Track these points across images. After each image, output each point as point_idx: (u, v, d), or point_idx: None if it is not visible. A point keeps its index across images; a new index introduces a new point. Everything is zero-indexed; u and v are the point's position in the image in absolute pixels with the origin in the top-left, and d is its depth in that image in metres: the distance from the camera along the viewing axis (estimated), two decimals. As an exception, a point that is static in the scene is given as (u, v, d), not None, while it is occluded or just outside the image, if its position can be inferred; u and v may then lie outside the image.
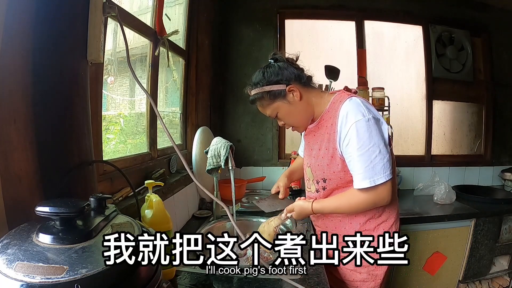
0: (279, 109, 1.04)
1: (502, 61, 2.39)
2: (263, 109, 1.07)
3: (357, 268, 1.09)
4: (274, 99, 1.03)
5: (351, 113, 0.95)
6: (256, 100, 1.06)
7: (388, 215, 1.08)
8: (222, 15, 2.21)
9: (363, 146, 0.93)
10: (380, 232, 1.06)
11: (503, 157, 2.44)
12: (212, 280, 0.92)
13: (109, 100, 1.32)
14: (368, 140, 0.93)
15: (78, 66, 0.73)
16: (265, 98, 1.03)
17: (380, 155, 0.93)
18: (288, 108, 1.04)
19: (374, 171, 0.93)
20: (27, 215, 0.61)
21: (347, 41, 2.33)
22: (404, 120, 2.36)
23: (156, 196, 0.91)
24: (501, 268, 1.94)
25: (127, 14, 1.16)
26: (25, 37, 0.64)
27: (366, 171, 0.94)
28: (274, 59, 1.06)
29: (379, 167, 0.93)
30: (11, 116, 0.62)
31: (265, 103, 1.04)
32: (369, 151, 0.93)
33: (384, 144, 0.95)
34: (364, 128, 0.93)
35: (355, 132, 0.94)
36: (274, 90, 1.01)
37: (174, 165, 1.56)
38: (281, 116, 1.06)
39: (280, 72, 1.02)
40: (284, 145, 2.33)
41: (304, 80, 1.06)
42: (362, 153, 0.94)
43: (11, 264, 0.44)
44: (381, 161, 0.93)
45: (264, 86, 1.02)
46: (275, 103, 1.03)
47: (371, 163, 0.93)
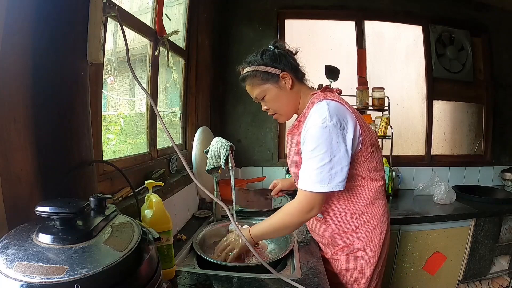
0: (268, 92, 1.04)
1: (502, 61, 2.39)
2: (252, 88, 1.06)
3: (340, 271, 1.09)
4: (266, 80, 1.03)
5: (313, 117, 0.95)
6: (247, 78, 1.05)
7: (370, 217, 1.04)
8: (222, 15, 2.21)
9: (314, 151, 0.92)
10: (361, 233, 1.04)
11: (503, 157, 2.44)
12: (212, 280, 0.92)
13: (109, 100, 1.32)
14: (319, 147, 0.91)
15: (78, 66, 0.73)
16: (257, 77, 1.03)
17: (329, 164, 0.91)
18: (277, 93, 1.03)
19: (317, 178, 0.92)
20: (27, 215, 0.61)
21: (347, 41, 2.34)
22: (404, 120, 2.37)
23: (156, 196, 0.91)
24: (501, 268, 1.94)
25: (127, 14, 1.16)
26: (25, 37, 0.64)
27: (311, 175, 0.93)
28: (274, 46, 1.07)
29: (322, 176, 0.91)
30: (11, 116, 0.62)
31: (255, 82, 1.04)
32: (317, 158, 0.92)
33: (341, 154, 0.92)
34: (319, 134, 0.91)
35: (310, 136, 0.93)
36: (268, 71, 1.02)
37: (174, 165, 1.56)
38: (268, 99, 1.05)
39: (278, 58, 1.03)
40: (284, 145, 2.33)
41: (298, 74, 1.07)
42: (310, 157, 0.93)
43: (11, 264, 0.44)
44: (328, 171, 0.91)
45: (259, 66, 1.02)
46: (265, 85, 1.03)
47: (317, 169, 0.92)
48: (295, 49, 1.10)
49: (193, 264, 1.07)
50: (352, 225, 1.05)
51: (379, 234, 1.05)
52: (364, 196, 1.03)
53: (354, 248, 1.05)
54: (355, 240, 1.05)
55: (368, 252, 1.04)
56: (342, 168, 0.92)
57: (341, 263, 1.08)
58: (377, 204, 1.05)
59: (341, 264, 1.08)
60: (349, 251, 1.06)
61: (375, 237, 1.04)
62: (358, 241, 1.05)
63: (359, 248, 1.05)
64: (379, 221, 1.05)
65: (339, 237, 1.08)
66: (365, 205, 1.04)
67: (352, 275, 1.07)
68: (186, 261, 1.10)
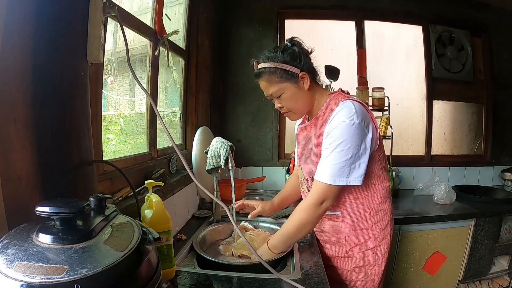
0: (286, 90, 1.02)
1: (502, 61, 2.39)
2: (269, 85, 1.03)
3: (355, 268, 1.11)
4: (285, 79, 1.01)
5: (340, 114, 0.97)
6: (264, 74, 1.02)
7: (383, 215, 1.09)
8: (222, 15, 2.21)
9: (338, 146, 0.95)
10: (376, 230, 1.08)
11: (503, 157, 2.44)
12: (212, 280, 0.92)
13: (109, 100, 1.32)
14: (344, 142, 0.94)
15: (78, 66, 0.73)
16: (276, 74, 1.01)
17: (350, 159, 0.95)
18: (295, 92, 1.03)
19: (337, 172, 0.95)
20: (27, 215, 0.61)
21: (347, 41, 2.34)
22: (404, 120, 2.36)
23: (156, 196, 0.91)
24: (501, 268, 1.94)
25: (127, 14, 1.16)
26: (25, 37, 0.64)
27: (331, 169, 0.96)
28: (291, 43, 1.06)
29: (342, 170, 0.95)
30: (11, 116, 0.62)
31: (274, 80, 1.02)
32: (341, 152, 0.94)
33: (361, 151, 0.96)
34: (345, 129, 0.94)
35: (335, 131, 0.96)
36: (288, 70, 1.00)
37: (174, 165, 1.56)
38: (284, 97, 1.04)
39: (298, 57, 1.02)
40: (284, 145, 2.34)
41: (315, 74, 1.08)
42: (332, 151, 0.96)
43: (11, 264, 0.44)
44: (349, 166, 0.95)
45: (280, 63, 1.00)
46: (284, 83, 1.02)
47: (338, 163, 0.95)
48: (311, 48, 1.09)
49: (193, 264, 1.07)
50: (369, 222, 1.08)
51: (390, 230, 1.11)
52: (379, 194, 1.07)
53: (370, 244, 1.08)
54: (371, 237, 1.08)
55: (382, 248, 1.08)
56: (360, 164, 0.96)
57: (357, 260, 1.10)
58: (388, 203, 1.10)
59: (358, 261, 1.10)
60: (365, 248, 1.09)
61: (387, 234, 1.09)
62: (374, 238, 1.08)
63: (374, 244, 1.08)
64: (390, 218, 1.11)
65: (356, 234, 1.09)
66: (379, 203, 1.08)
67: (367, 271, 1.10)
68: (186, 261, 1.10)
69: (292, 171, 1.86)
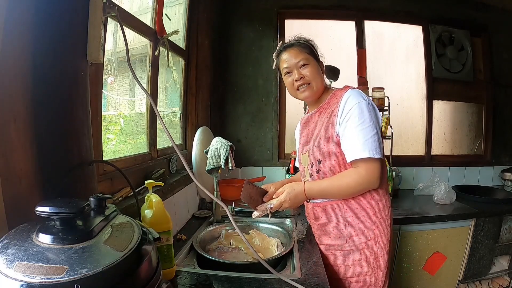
0: (311, 62, 1.13)
1: (502, 61, 2.39)
2: (299, 53, 1.12)
3: (358, 262, 1.09)
4: (313, 56, 1.14)
5: (353, 97, 1.05)
6: (296, 45, 1.14)
7: (384, 205, 1.10)
8: (222, 15, 2.21)
9: (364, 123, 1.01)
10: (377, 220, 1.08)
11: (503, 157, 2.44)
12: (212, 280, 0.92)
13: (109, 100, 1.32)
14: (368, 118, 1.02)
15: (78, 66, 0.73)
16: (307, 49, 1.13)
17: (376, 135, 1.02)
18: (316, 68, 1.14)
19: (373, 145, 1.01)
20: (27, 215, 0.61)
21: (347, 41, 2.33)
22: (404, 120, 2.36)
23: (156, 196, 0.91)
24: (501, 268, 1.94)
25: (127, 14, 1.16)
26: (25, 37, 0.64)
27: (365, 144, 1.00)
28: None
29: (376, 145, 1.01)
30: (11, 116, 0.62)
31: (305, 51, 1.13)
32: (369, 128, 1.01)
33: (379, 128, 1.05)
34: (366, 108, 1.02)
35: (357, 110, 1.02)
36: (316, 53, 1.16)
37: (174, 165, 1.56)
38: (309, 69, 1.12)
39: (317, 51, 1.18)
40: (284, 145, 2.33)
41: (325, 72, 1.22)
42: (362, 128, 1.01)
43: (11, 264, 0.44)
44: (376, 140, 1.02)
45: (312, 46, 1.16)
46: (312, 58, 1.14)
47: (370, 138, 1.01)
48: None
49: (193, 264, 1.07)
50: (369, 210, 1.08)
51: (389, 223, 1.11)
52: (381, 183, 1.08)
53: (370, 235, 1.07)
54: (371, 226, 1.08)
55: (383, 239, 1.08)
56: (381, 141, 1.04)
57: (359, 251, 1.08)
58: (388, 195, 1.13)
59: (359, 253, 1.08)
60: (365, 238, 1.08)
61: (387, 225, 1.10)
62: (374, 227, 1.08)
63: (374, 235, 1.08)
64: (389, 210, 1.12)
65: (356, 221, 1.08)
66: (381, 193, 1.09)
67: (370, 264, 1.08)
68: (186, 261, 1.10)
69: (292, 171, 1.86)
